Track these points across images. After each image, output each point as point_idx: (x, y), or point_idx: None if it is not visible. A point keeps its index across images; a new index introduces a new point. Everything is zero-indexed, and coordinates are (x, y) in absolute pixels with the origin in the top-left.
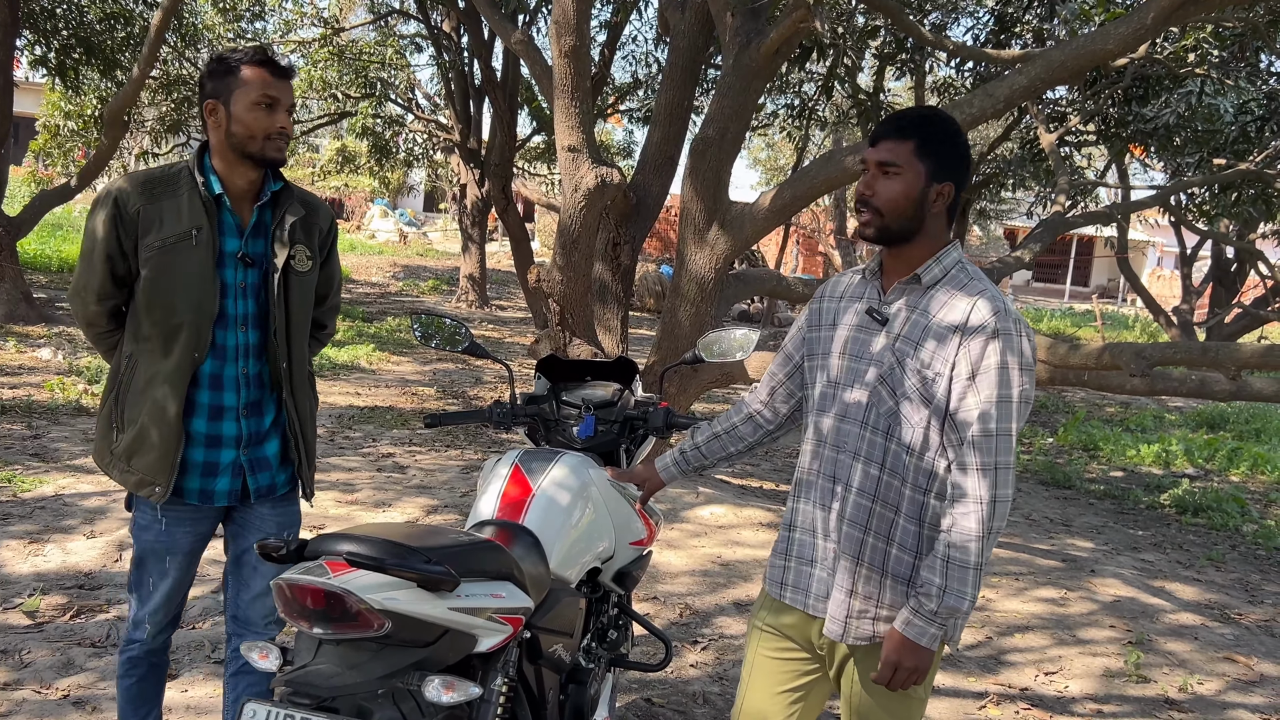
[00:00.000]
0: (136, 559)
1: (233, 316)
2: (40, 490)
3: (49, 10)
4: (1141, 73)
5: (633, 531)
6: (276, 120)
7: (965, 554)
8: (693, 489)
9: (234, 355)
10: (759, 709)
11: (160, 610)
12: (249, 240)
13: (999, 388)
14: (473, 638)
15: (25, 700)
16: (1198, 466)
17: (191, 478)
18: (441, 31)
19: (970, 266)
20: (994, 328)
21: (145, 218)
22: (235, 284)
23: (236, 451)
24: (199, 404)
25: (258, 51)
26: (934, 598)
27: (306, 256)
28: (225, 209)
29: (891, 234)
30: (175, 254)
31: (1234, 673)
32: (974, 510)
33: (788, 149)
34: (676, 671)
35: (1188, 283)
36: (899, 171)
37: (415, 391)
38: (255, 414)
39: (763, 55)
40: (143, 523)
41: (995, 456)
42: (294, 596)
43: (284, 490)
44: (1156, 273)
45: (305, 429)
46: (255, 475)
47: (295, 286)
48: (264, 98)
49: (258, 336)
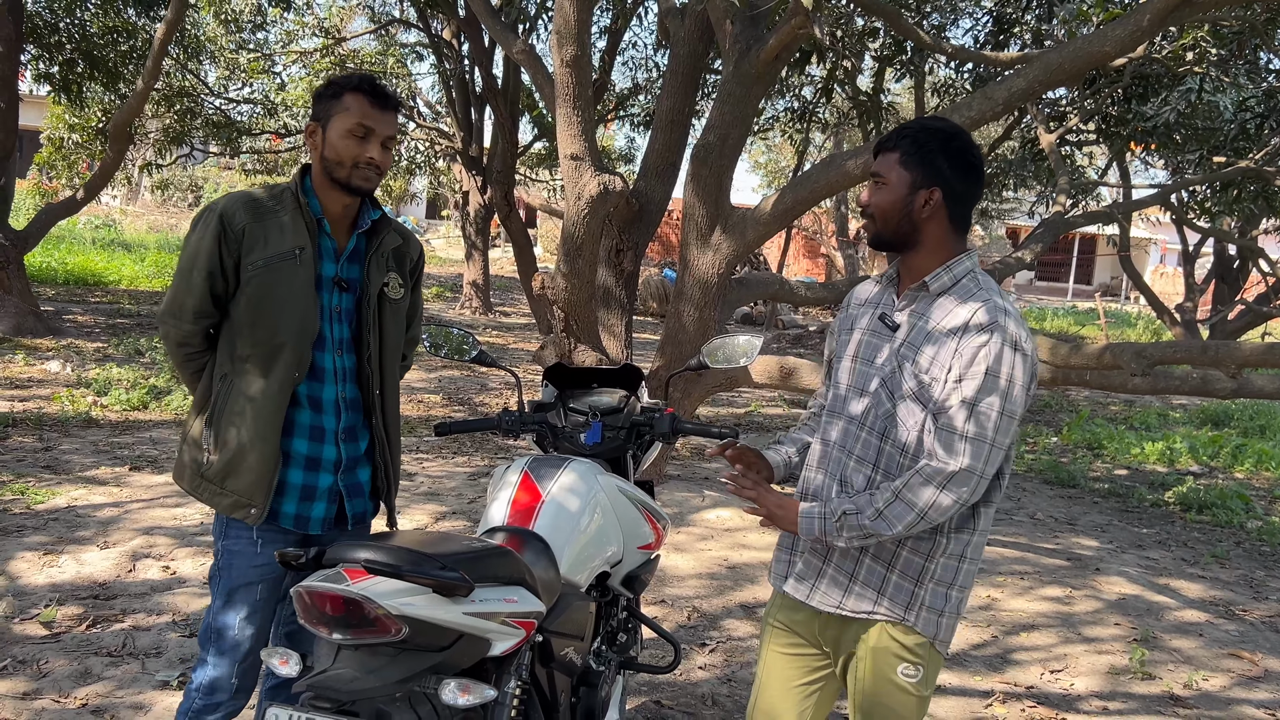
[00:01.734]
0: (225, 594)
1: (329, 339)
2: (53, 502)
3: (52, 25)
4: (1141, 71)
5: (640, 536)
6: (367, 150)
7: (916, 495)
8: (699, 492)
9: (332, 378)
10: (773, 704)
11: (249, 654)
12: (344, 265)
13: (981, 392)
14: (487, 642)
15: (45, 709)
16: (1202, 464)
17: (289, 501)
18: (442, 40)
19: (983, 277)
20: (990, 334)
21: (250, 235)
22: (331, 307)
23: (334, 476)
24: (299, 424)
25: (365, 79)
26: (858, 512)
27: (399, 285)
28: (324, 232)
29: (885, 240)
30: (279, 273)
31: (1239, 669)
32: (943, 468)
33: (788, 152)
34: (685, 674)
35: (1190, 280)
36: (885, 181)
37: (421, 399)
38: (351, 439)
39: (762, 62)
40: (236, 549)
41: (978, 427)
42: (313, 603)
43: (372, 517)
44: (1160, 270)
45: (394, 456)
46: (352, 501)
47: (389, 313)
48: (359, 126)
49: (353, 361)
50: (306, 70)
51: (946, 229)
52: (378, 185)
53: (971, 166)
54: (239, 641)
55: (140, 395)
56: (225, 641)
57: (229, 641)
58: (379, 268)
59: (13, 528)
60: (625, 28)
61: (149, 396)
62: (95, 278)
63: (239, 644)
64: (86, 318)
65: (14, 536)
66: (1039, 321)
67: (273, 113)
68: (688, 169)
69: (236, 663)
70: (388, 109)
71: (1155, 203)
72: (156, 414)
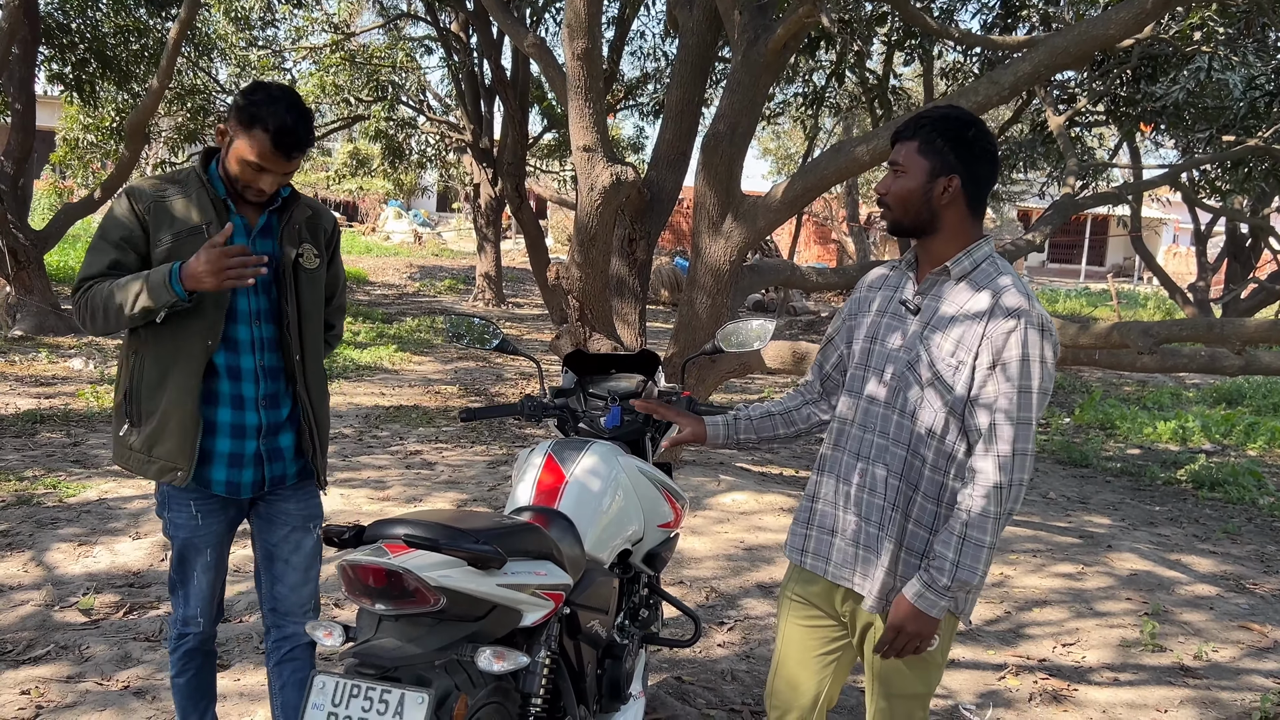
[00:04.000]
0: (177, 557)
1: (245, 311)
2: (84, 495)
3: (65, 25)
4: (1149, 52)
5: (661, 515)
6: (259, 181)
7: (981, 532)
8: (715, 477)
9: (249, 348)
10: (793, 675)
11: (209, 601)
12: (256, 240)
13: (1020, 378)
14: (518, 613)
15: (89, 691)
16: (1215, 442)
17: (218, 468)
18: (450, 33)
19: (1001, 261)
20: (1018, 319)
21: (157, 212)
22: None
23: (257, 442)
24: (221, 393)
25: (279, 122)
26: (946, 572)
27: (314, 255)
28: (231, 210)
29: (904, 227)
30: (188, 246)
31: (1249, 640)
32: (991, 492)
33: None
34: (705, 651)
35: (1203, 259)
36: (904, 170)
37: (438, 390)
38: (273, 405)
39: (771, 50)
40: (179, 521)
41: (1014, 443)
42: (357, 576)
43: (293, 481)
44: (1172, 250)
45: (319, 421)
46: (271, 465)
47: (305, 282)
48: (255, 163)
49: (272, 331)
50: (316, 66)
51: (965, 215)
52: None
53: (988, 154)
54: (197, 590)
55: None
56: (186, 591)
57: (189, 591)
58: (291, 240)
59: (47, 520)
60: (633, 17)
61: None
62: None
63: (197, 592)
64: None
65: (48, 529)
66: (1051, 304)
67: None
68: (698, 158)
69: (199, 605)
70: (290, 158)
71: (1164, 183)
72: None
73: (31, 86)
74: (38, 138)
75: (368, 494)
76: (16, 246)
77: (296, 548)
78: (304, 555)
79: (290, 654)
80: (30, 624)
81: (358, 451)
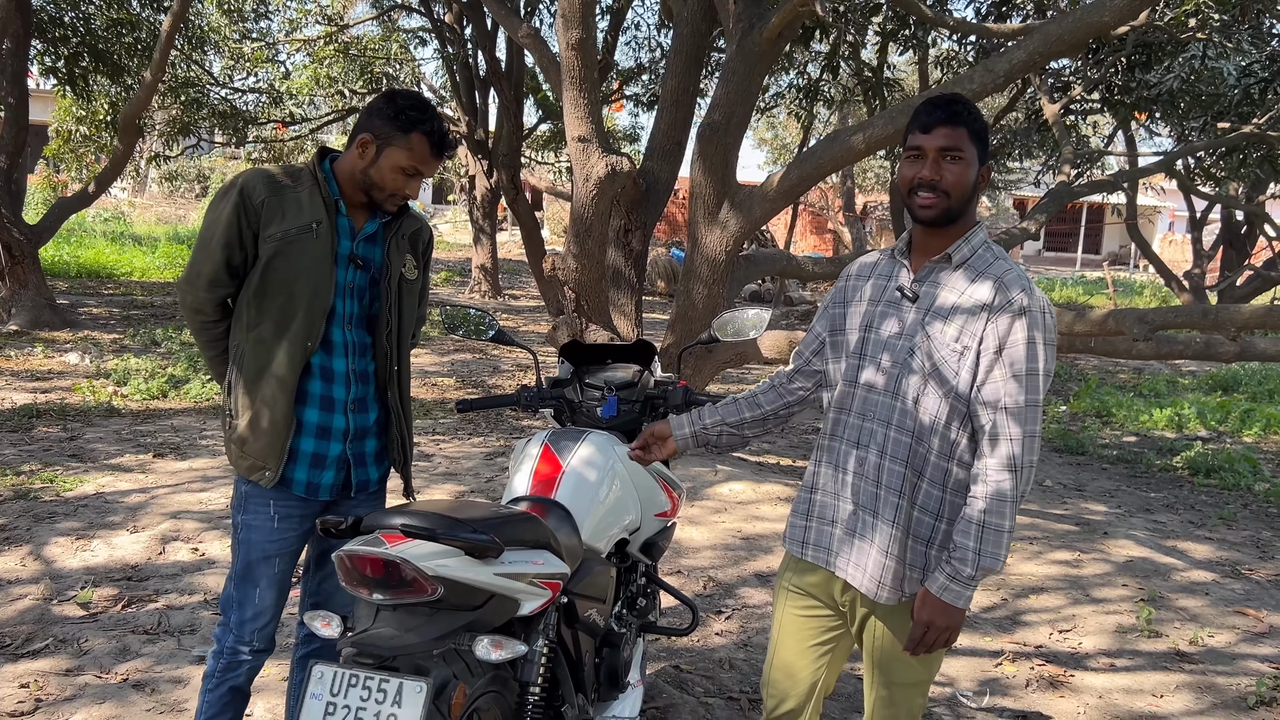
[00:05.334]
0: (243, 566)
1: (341, 314)
2: (81, 489)
3: (57, 19)
4: (1143, 40)
5: (657, 504)
6: (410, 186)
7: (1000, 518)
8: (712, 467)
9: (343, 351)
10: (789, 663)
11: (272, 616)
12: (360, 244)
13: (1027, 361)
14: (516, 602)
15: (88, 685)
16: (1211, 429)
17: (300, 468)
18: (445, 24)
19: (995, 247)
20: (1021, 305)
21: (269, 208)
22: (344, 284)
23: (343, 445)
24: (311, 394)
25: (436, 124)
26: (969, 562)
27: (414, 266)
28: (341, 212)
29: (954, 215)
30: (297, 244)
31: (1244, 625)
32: (1007, 477)
33: (793, 128)
34: (703, 640)
35: (1198, 247)
36: (961, 156)
37: (435, 382)
38: (361, 410)
39: (765, 40)
40: (254, 523)
41: (1024, 426)
42: (354, 566)
43: (375, 487)
44: (1168, 238)
45: (408, 429)
46: (357, 469)
47: (405, 293)
48: (413, 168)
49: (364, 336)
50: (310, 58)
51: (977, 204)
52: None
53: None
54: (260, 609)
55: (159, 384)
56: (246, 609)
57: (249, 610)
58: (398, 250)
59: (44, 514)
60: (628, 7)
61: (168, 385)
62: (107, 270)
63: (260, 612)
64: (101, 310)
65: (46, 523)
66: (1048, 292)
67: (278, 101)
68: (694, 148)
69: (257, 629)
70: (442, 157)
71: (1159, 170)
72: (176, 402)
73: (24, 80)
74: (32, 132)
75: None
76: (11, 241)
77: None
78: None
79: (318, 650)
80: (29, 618)
81: None
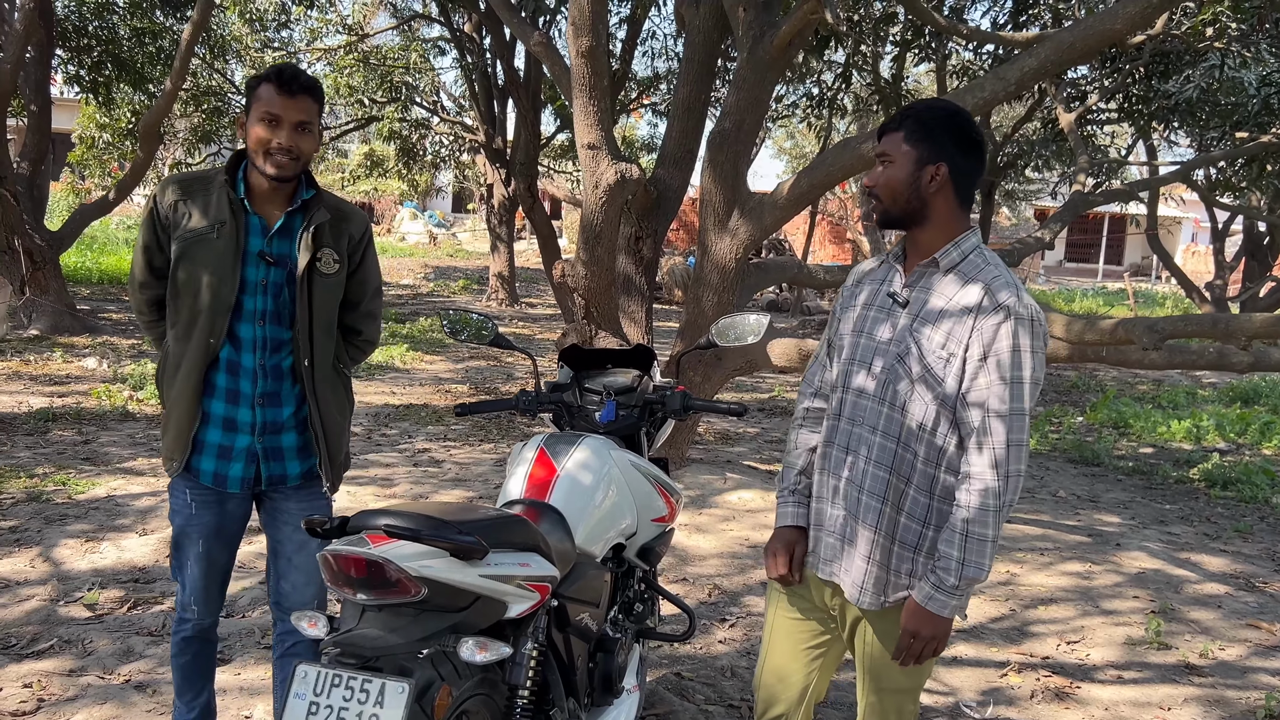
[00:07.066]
0: (174, 544)
1: (250, 310)
2: (93, 492)
3: (81, 28)
4: (1161, 49)
5: (654, 509)
6: (276, 136)
7: (983, 527)
8: (722, 475)
9: (251, 346)
10: (780, 667)
11: (201, 589)
12: (274, 241)
13: (1012, 369)
14: (503, 604)
15: (90, 685)
16: (1229, 441)
17: (206, 459)
18: (464, 34)
19: (988, 252)
20: (1007, 311)
21: (178, 211)
22: (256, 281)
23: (251, 438)
24: (217, 386)
25: (274, 69)
26: (953, 571)
27: (333, 259)
28: (250, 210)
29: (893, 217)
30: (199, 246)
31: (1256, 639)
32: (990, 486)
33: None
34: (706, 647)
35: (1220, 258)
36: (890, 160)
37: (449, 389)
38: (272, 404)
39: (776, 48)
40: (175, 506)
41: (1009, 434)
42: (339, 567)
43: (296, 482)
44: (1192, 249)
45: (328, 425)
46: (268, 463)
47: (320, 288)
48: (268, 114)
49: (275, 331)
50: (331, 67)
51: (953, 204)
52: (296, 171)
53: (974, 142)
54: (191, 577)
55: None
56: (182, 576)
57: (184, 577)
58: (306, 243)
59: (55, 516)
60: (645, 16)
61: None
62: (128, 277)
63: (190, 584)
64: (120, 315)
65: (57, 525)
66: (1067, 303)
67: None
68: (704, 155)
69: (194, 592)
70: (295, 94)
71: (1175, 180)
72: None
73: (47, 88)
74: (57, 139)
75: (374, 491)
76: (33, 247)
77: (300, 547)
78: (307, 555)
79: (293, 649)
80: (35, 618)
81: (366, 449)
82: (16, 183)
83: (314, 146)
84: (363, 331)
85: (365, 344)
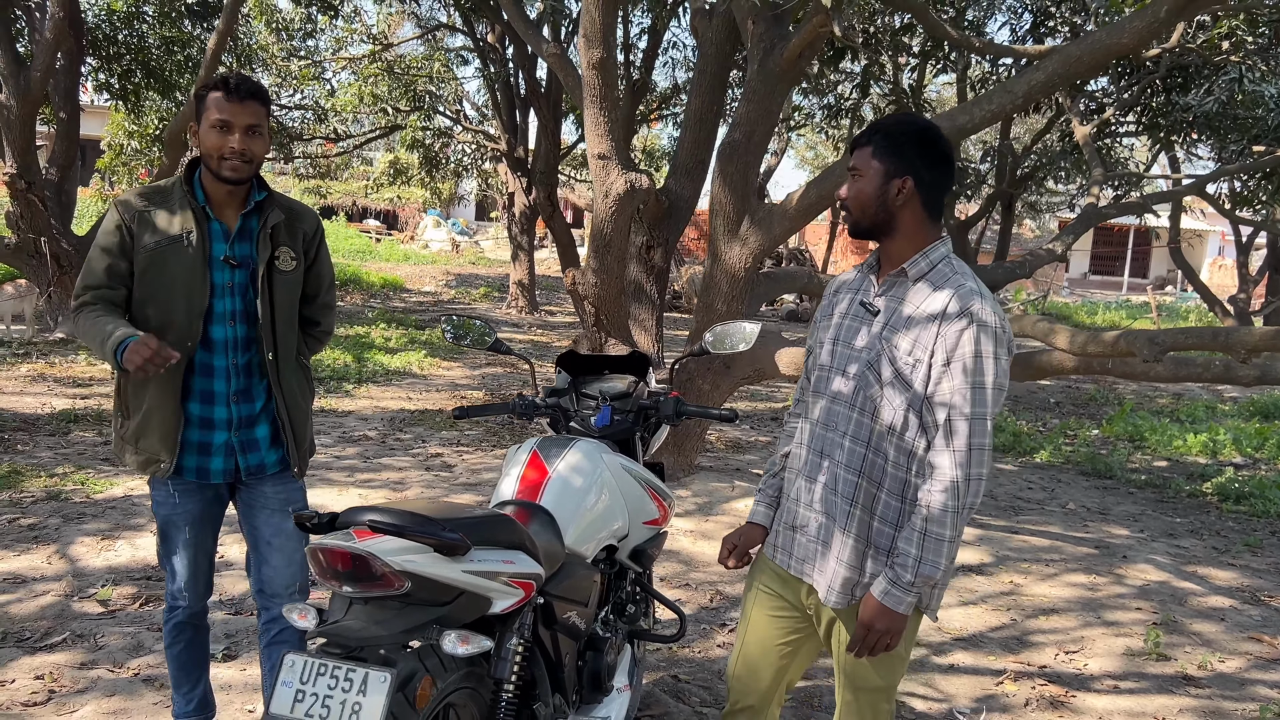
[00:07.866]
0: (160, 534)
1: (221, 313)
2: (110, 492)
3: (111, 37)
4: (1178, 62)
5: (646, 512)
6: (228, 141)
7: (940, 527)
8: (729, 482)
9: (223, 348)
10: (753, 659)
11: (191, 576)
12: (235, 244)
13: (974, 374)
14: (487, 599)
15: (100, 678)
16: (1246, 455)
17: (189, 456)
18: (487, 44)
19: (956, 262)
20: (971, 317)
21: (141, 222)
22: (223, 284)
23: (228, 434)
24: (192, 389)
25: (223, 77)
26: (909, 569)
27: (290, 257)
28: (210, 217)
29: (863, 229)
30: (169, 255)
31: (1257, 651)
32: (950, 487)
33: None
34: (704, 651)
35: (1244, 271)
36: (860, 173)
37: (464, 395)
38: (245, 400)
39: (786, 60)
40: (159, 499)
41: (970, 439)
42: (326, 560)
43: (274, 470)
44: (1218, 262)
45: (293, 414)
46: (245, 455)
47: (279, 284)
48: (218, 121)
49: (245, 330)
50: (356, 76)
51: (921, 216)
52: (249, 173)
53: (942, 156)
54: (178, 566)
55: None
56: (169, 565)
57: (173, 567)
58: (265, 243)
59: (73, 515)
60: (665, 27)
61: None
62: None
63: (178, 573)
64: None
65: (74, 523)
66: (1089, 315)
67: (323, 118)
68: (715, 165)
69: (182, 580)
70: (244, 99)
71: (1190, 193)
72: None
73: (76, 96)
74: (86, 147)
75: (386, 494)
76: (60, 252)
77: (278, 531)
78: (285, 538)
79: (279, 636)
80: (49, 613)
81: (380, 453)
82: (45, 188)
83: (265, 149)
84: (320, 322)
85: (323, 334)
